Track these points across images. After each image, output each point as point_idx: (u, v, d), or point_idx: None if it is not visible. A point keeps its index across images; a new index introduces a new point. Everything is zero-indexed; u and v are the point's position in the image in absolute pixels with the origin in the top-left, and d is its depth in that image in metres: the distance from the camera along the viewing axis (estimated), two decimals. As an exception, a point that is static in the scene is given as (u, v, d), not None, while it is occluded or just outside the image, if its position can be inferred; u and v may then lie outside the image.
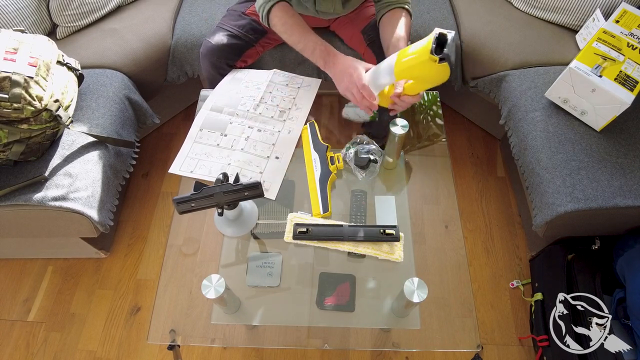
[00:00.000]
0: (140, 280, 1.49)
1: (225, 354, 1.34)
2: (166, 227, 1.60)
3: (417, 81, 0.91)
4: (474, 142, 1.79)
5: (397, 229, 0.95)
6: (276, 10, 1.09)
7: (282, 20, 1.09)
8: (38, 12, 1.42)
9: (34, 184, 1.14)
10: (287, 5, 1.11)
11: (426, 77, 0.87)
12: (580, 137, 1.22)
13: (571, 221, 1.16)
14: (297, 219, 0.98)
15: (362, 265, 0.97)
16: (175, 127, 1.86)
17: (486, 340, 1.36)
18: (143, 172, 1.73)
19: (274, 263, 0.96)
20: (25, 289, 1.49)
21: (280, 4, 1.10)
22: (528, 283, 1.45)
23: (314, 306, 0.92)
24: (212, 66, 1.24)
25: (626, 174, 1.15)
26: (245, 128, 1.12)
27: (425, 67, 0.82)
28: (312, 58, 1.07)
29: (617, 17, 1.30)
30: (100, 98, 1.33)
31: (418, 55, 0.82)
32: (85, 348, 1.37)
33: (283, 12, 1.09)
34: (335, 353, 1.34)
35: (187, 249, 1.01)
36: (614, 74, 1.16)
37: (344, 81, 1.00)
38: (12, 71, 1.03)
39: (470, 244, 1.55)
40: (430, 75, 0.85)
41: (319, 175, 1.02)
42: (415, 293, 0.81)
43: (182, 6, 1.60)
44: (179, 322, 0.93)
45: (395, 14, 1.12)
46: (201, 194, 0.85)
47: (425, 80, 0.89)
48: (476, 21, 1.51)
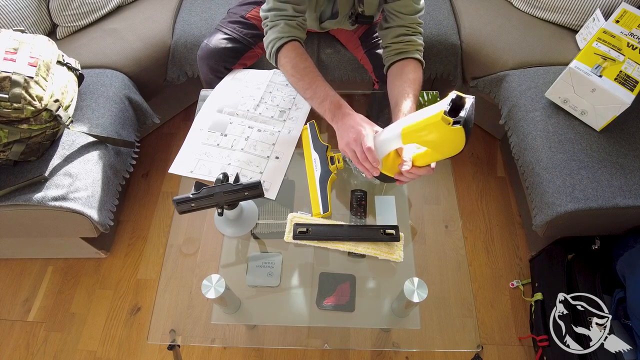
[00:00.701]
0: (140, 280, 1.49)
1: (225, 354, 1.34)
2: (166, 227, 1.60)
3: (427, 148, 0.81)
4: (474, 142, 1.79)
5: (397, 229, 0.95)
6: (287, 51, 1.00)
7: (293, 62, 1.00)
8: (38, 12, 1.42)
9: (34, 184, 1.14)
10: (299, 45, 1.02)
11: (437, 143, 0.76)
12: (580, 137, 1.22)
13: (571, 221, 1.16)
14: (297, 219, 0.98)
15: (362, 265, 0.97)
16: (175, 127, 1.86)
17: (486, 340, 1.36)
18: (143, 172, 1.73)
19: (274, 263, 0.96)
20: (25, 289, 1.49)
21: (293, 43, 1.01)
22: (528, 283, 1.45)
23: (314, 306, 0.92)
24: (210, 69, 1.23)
25: (626, 174, 1.15)
26: (246, 128, 1.11)
27: (437, 130, 0.72)
28: (321, 109, 0.97)
29: (617, 17, 1.30)
30: (100, 98, 1.33)
31: (430, 116, 0.72)
32: (85, 348, 1.37)
33: (294, 54, 1.00)
34: (335, 353, 1.34)
35: (187, 249, 1.01)
36: (614, 74, 1.16)
37: (349, 137, 0.89)
38: (12, 71, 1.03)
39: (470, 244, 1.55)
40: (442, 141, 0.74)
41: (319, 175, 1.02)
42: (415, 293, 0.82)
43: (182, 6, 1.60)
44: (179, 322, 0.93)
45: (406, 65, 1.02)
46: (201, 194, 0.85)
47: (436, 147, 0.77)
48: (476, 21, 1.51)
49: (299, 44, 1.02)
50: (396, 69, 1.04)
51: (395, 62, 1.05)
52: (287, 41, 1.01)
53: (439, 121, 0.70)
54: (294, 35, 1.01)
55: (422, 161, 0.85)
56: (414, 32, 1.05)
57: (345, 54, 1.43)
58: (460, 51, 1.50)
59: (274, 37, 1.01)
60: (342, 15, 1.13)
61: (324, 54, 1.45)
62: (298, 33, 1.02)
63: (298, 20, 1.02)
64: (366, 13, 1.10)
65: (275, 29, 1.01)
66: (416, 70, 1.03)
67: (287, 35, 1.01)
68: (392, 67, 1.06)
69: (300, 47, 1.02)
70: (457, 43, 1.49)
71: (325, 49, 1.44)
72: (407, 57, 1.03)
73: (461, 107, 0.70)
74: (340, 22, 1.17)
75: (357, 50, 1.34)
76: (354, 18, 1.11)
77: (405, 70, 1.02)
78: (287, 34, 1.01)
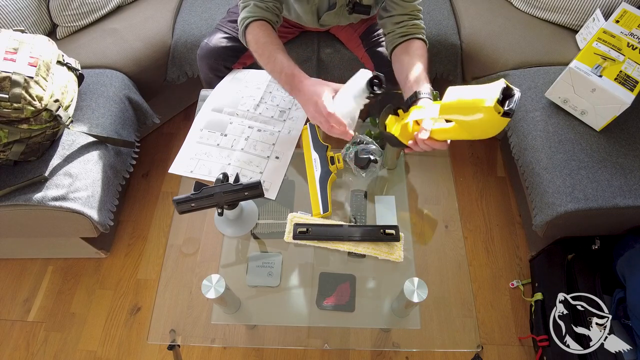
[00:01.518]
0: (140, 280, 1.49)
1: (225, 354, 1.34)
2: (166, 227, 1.60)
3: (460, 124, 0.78)
4: (474, 142, 1.79)
5: (397, 229, 0.95)
6: (252, 28, 1.03)
7: (256, 38, 1.02)
8: (38, 12, 1.42)
9: (34, 184, 1.14)
10: (266, 24, 1.04)
11: (476, 125, 0.75)
12: (580, 137, 1.22)
13: (571, 221, 1.16)
14: (297, 219, 0.98)
15: (362, 265, 0.97)
16: (175, 127, 1.86)
17: (486, 340, 1.36)
18: (143, 172, 1.73)
19: (274, 263, 0.96)
20: (25, 289, 1.49)
21: (260, 22, 1.03)
22: (528, 283, 1.45)
23: (314, 306, 0.92)
24: (210, 68, 1.24)
25: (626, 174, 1.15)
26: (245, 128, 1.11)
27: (485, 114, 0.71)
28: (280, 82, 1.00)
29: (617, 17, 1.30)
30: (100, 98, 1.33)
31: (479, 99, 0.71)
32: (85, 348, 1.37)
33: (258, 30, 1.02)
34: (335, 353, 1.34)
35: (187, 249, 1.01)
36: (614, 74, 1.16)
37: (310, 111, 0.91)
38: (12, 71, 1.03)
39: (470, 244, 1.55)
40: (483, 124, 0.74)
41: (319, 175, 1.02)
42: (415, 293, 0.82)
43: (182, 6, 1.60)
44: (179, 322, 0.93)
45: (411, 44, 1.03)
46: (201, 194, 0.85)
47: (471, 127, 0.76)
48: (476, 21, 1.51)
49: (266, 23, 1.04)
50: (401, 48, 1.04)
51: (399, 44, 1.05)
52: (254, 20, 1.03)
53: (490, 107, 0.70)
54: (261, 16, 1.03)
55: (442, 136, 0.83)
56: (416, 17, 1.06)
57: (345, 54, 1.43)
58: (460, 51, 1.50)
59: (243, 16, 1.05)
60: (340, 5, 1.12)
61: (324, 54, 1.45)
62: (267, 15, 1.04)
63: (268, 4, 1.03)
64: (364, 2, 1.09)
65: (245, 10, 1.04)
66: (422, 48, 1.03)
67: (255, 16, 1.03)
68: (396, 48, 1.05)
69: (266, 25, 1.03)
70: (457, 43, 1.49)
71: (325, 49, 1.44)
72: (412, 37, 1.04)
73: (508, 97, 0.71)
74: (339, 14, 1.16)
75: (357, 49, 1.34)
76: (351, 6, 1.10)
77: (411, 48, 1.02)
78: (255, 14, 1.03)
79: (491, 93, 0.71)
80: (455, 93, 0.76)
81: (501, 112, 0.70)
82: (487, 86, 0.73)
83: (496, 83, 0.72)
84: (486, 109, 0.71)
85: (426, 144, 0.84)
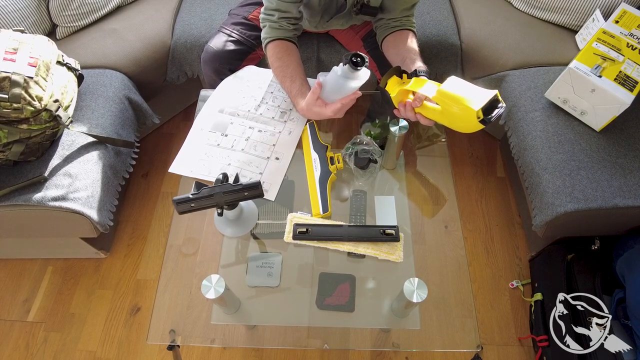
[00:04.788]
0: (140, 280, 1.49)
1: (225, 354, 1.34)
2: (166, 227, 1.60)
3: (443, 112, 0.87)
4: (474, 142, 1.79)
5: (397, 229, 0.95)
6: (269, 49, 1.11)
7: (271, 60, 1.11)
8: (38, 12, 1.42)
9: (33, 184, 1.14)
10: (282, 43, 1.10)
11: (456, 118, 0.85)
12: (579, 137, 1.22)
13: (571, 221, 1.16)
14: (297, 219, 0.98)
15: (362, 265, 0.97)
16: (175, 127, 1.86)
17: (486, 341, 1.37)
18: (143, 172, 1.73)
19: (274, 263, 0.96)
20: (25, 289, 1.49)
21: (275, 43, 1.10)
22: (528, 283, 1.45)
23: (314, 306, 0.92)
24: (214, 72, 1.24)
25: (626, 174, 1.15)
26: (246, 128, 1.11)
27: (466, 113, 0.81)
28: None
29: (616, 17, 1.30)
30: (100, 98, 1.33)
31: (468, 99, 0.81)
32: (85, 348, 1.37)
33: (271, 53, 1.11)
34: (335, 353, 1.34)
35: (187, 249, 1.01)
36: (614, 74, 1.16)
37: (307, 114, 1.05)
38: (11, 71, 1.03)
39: (470, 244, 1.55)
40: (461, 120, 0.84)
41: (319, 176, 1.02)
42: (415, 293, 0.82)
43: (182, 6, 1.60)
44: (179, 322, 0.93)
45: (402, 34, 1.10)
46: (201, 194, 0.85)
47: (451, 118, 0.86)
48: (476, 21, 1.51)
49: (282, 42, 1.11)
50: (394, 36, 1.11)
51: (391, 33, 1.11)
52: (270, 41, 1.11)
53: (473, 111, 0.80)
54: (276, 36, 1.10)
55: (427, 113, 0.91)
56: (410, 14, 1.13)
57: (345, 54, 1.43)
58: (460, 51, 1.50)
59: (262, 36, 1.13)
60: (348, 7, 1.14)
61: (323, 54, 1.45)
62: (281, 34, 1.11)
63: (282, 23, 1.10)
64: (372, 4, 1.11)
65: (263, 30, 1.12)
66: (413, 38, 1.10)
67: (270, 37, 1.11)
68: (387, 37, 1.12)
69: (281, 45, 1.11)
70: (457, 43, 1.49)
71: (325, 49, 1.44)
72: (402, 28, 1.11)
73: (495, 107, 0.81)
74: (346, 15, 1.17)
75: (359, 50, 1.33)
76: (358, 7, 1.13)
77: (402, 36, 1.10)
78: (270, 36, 1.11)
79: (481, 98, 0.81)
80: (454, 84, 0.85)
81: (480, 117, 0.80)
82: (481, 91, 0.82)
83: (489, 92, 0.82)
84: (470, 110, 0.80)
85: (412, 114, 0.93)
